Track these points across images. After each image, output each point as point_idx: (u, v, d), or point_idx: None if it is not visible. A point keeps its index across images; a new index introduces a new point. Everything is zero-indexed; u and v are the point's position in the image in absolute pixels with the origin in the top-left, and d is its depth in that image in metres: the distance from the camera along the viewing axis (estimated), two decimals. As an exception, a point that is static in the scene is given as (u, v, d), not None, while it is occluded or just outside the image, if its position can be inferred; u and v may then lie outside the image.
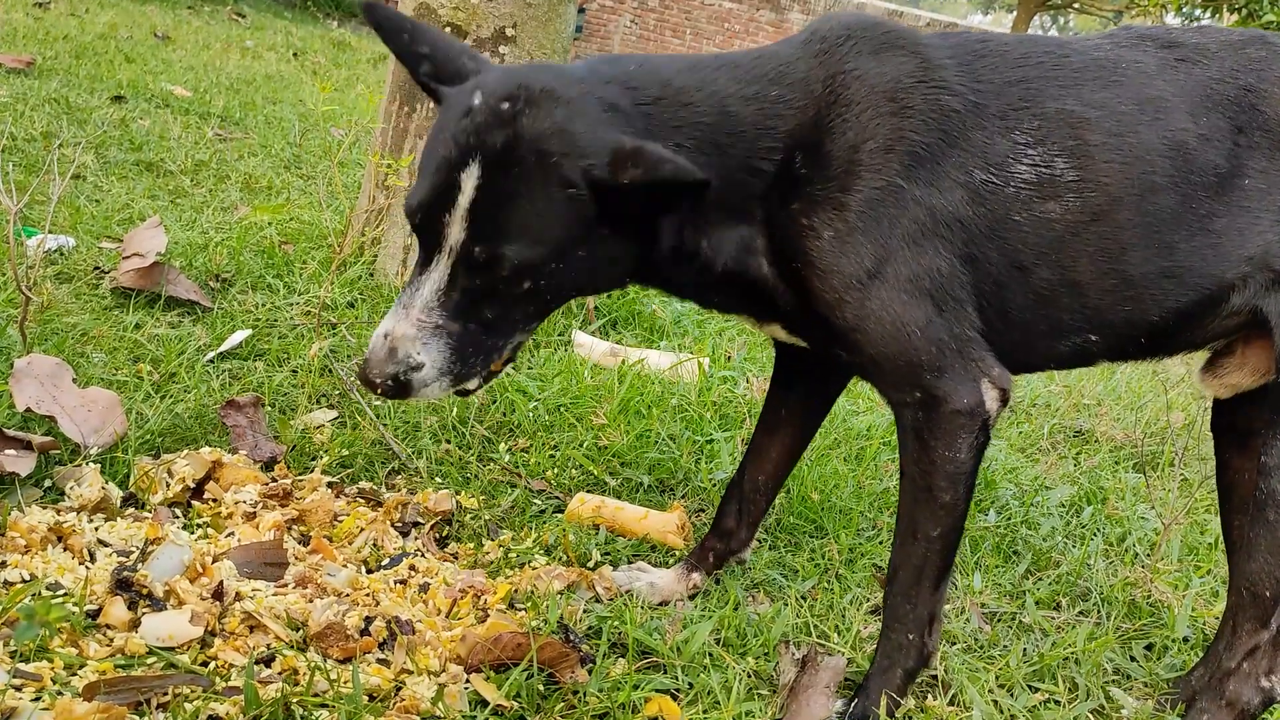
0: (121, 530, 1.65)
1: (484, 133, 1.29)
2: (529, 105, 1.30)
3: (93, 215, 3.13)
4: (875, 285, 1.41)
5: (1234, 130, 1.49)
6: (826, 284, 1.42)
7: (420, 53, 1.46)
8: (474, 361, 1.38)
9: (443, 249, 1.32)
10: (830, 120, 1.43)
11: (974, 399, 1.44)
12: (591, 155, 1.28)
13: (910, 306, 1.41)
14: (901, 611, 1.55)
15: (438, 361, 1.34)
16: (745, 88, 1.44)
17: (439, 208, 1.30)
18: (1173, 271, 1.50)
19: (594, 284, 1.48)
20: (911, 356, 1.43)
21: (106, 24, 7.16)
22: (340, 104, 6.23)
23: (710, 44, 17.96)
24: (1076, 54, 1.53)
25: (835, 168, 1.42)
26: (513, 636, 1.49)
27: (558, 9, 2.91)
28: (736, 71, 1.46)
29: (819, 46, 1.49)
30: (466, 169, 1.28)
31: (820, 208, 1.42)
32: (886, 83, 1.44)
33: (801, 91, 1.45)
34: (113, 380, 2.12)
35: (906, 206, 1.41)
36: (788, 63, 1.48)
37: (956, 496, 1.48)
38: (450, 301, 1.34)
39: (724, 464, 2.39)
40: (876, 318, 1.42)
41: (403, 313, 1.34)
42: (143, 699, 1.28)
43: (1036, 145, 1.45)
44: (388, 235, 3.04)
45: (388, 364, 1.33)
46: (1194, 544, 2.52)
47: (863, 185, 1.41)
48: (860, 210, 1.40)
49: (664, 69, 1.45)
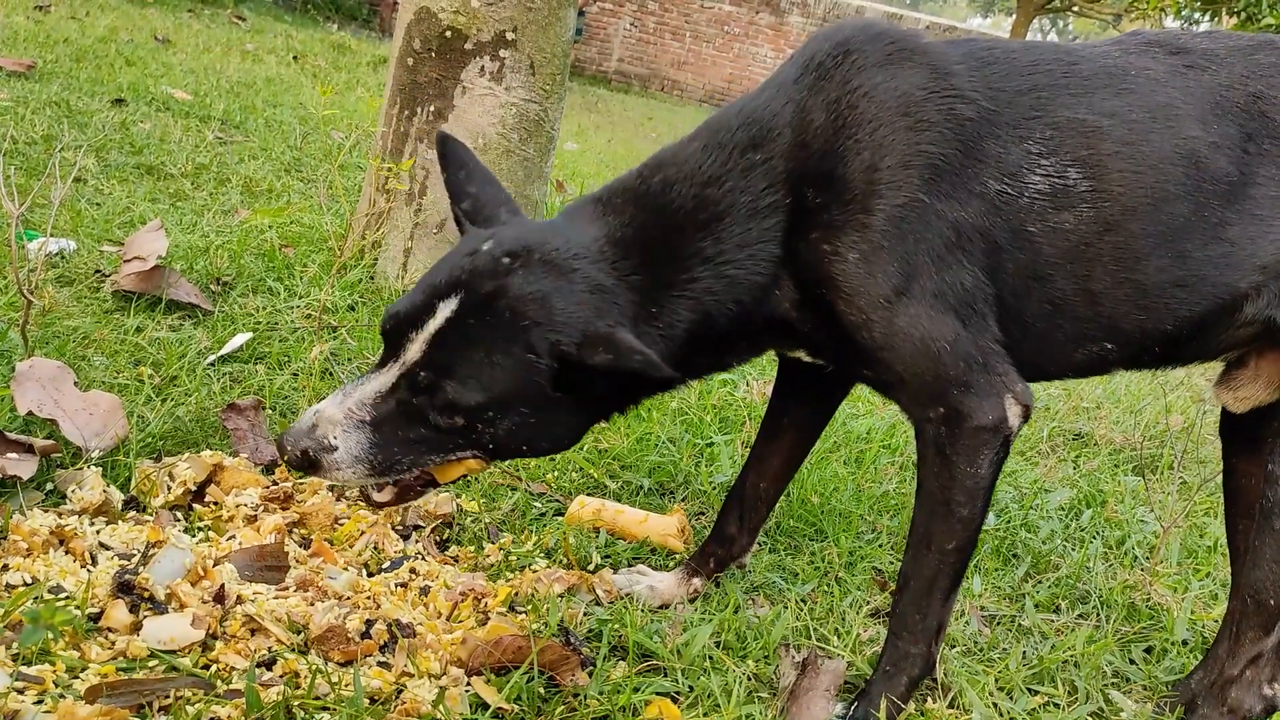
0: (123, 533, 1.65)
1: (476, 275, 1.37)
2: (524, 266, 1.38)
3: (94, 218, 3.14)
4: (903, 303, 1.40)
5: (1244, 138, 1.48)
6: (853, 305, 1.41)
7: (467, 190, 1.57)
8: (385, 466, 1.41)
9: (398, 360, 1.38)
10: (840, 145, 1.42)
11: (998, 415, 1.44)
12: (563, 331, 1.34)
13: (938, 322, 1.41)
14: (911, 621, 1.55)
15: (352, 450, 1.38)
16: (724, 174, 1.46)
17: (409, 323, 1.37)
18: (1186, 280, 1.49)
19: (536, 444, 1.48)
20: (940, 372, 1.42)
21: (107, 27, 7.16)
22: (341, 107, 6.23)
23: (710, 47, 17.97)
24: (1085, 61, 1.51)
25: (853, 190, 1.41)
26: (513, 639, 1.50)
27: (558, 13, 2.92)
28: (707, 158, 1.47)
29: (815, 74, 1.47)
30: (446, 300, 1.36)
31: (842, 231, 1.41)
32: (897, 97, 1.43)
33: (796, 130, 1.45)
34: (114, 383, 2.13)
35: (930, 221, 1.40)
36: (776, 112, 1.47)
37: (974, 511, 1.47)
38: (383, 407, 1.39)
39: (724, 467, 2.39)
40: (905, 335, 1.41)
41: (339, 399, 1.40)
42: (144, 702, 1.28)
43: (1049, 155, 1.44)
44: (388, 239, 3.04)
45: (304, 438, 1.38)
46: (1193, 547, 2.52)
47: (884, 203, 1.40)
48: (884, 229, 1.39)
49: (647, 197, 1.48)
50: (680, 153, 1.51)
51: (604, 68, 18.26)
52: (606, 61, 18.30)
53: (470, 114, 2.91)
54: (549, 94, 2.98)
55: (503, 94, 2.90)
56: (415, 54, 2.92)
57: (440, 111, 2.92)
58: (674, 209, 1.46)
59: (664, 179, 1.48)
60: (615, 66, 18.31)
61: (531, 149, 2.99)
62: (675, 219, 1.45)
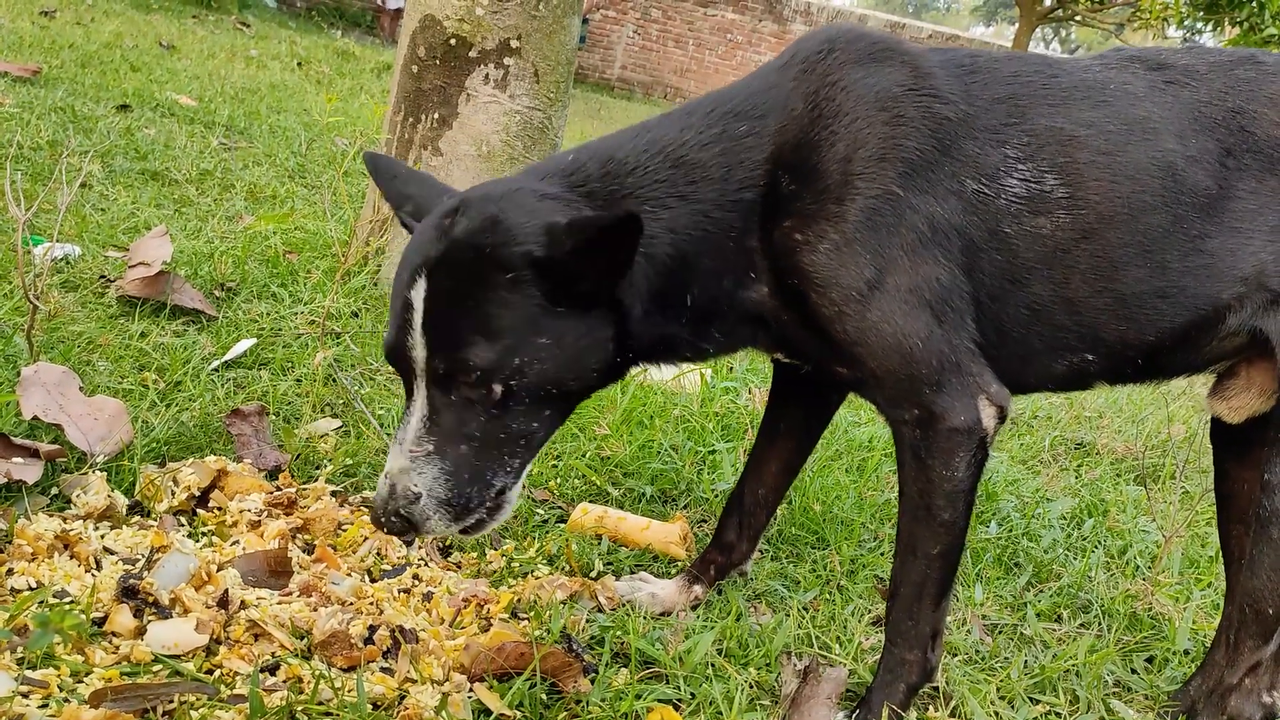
0: (127, 538, 1.65)
1: (427, 247, 1.34)
2: (464, 212, 1.34)
3: (99, 224, 3.15)
4: (876, 296, 1.40)
5: (1223, 152, 1.50)
6: (825, 297, 1.42)
7: (406, 194, 1.54)
8: (471, 489, 1.37)
9: (416, 374, 1.34)
10: (816, 135, 1.44)
11: (971, 417, 1.44)
12: (526, 239, 1.30)
13: (911, 318, 1.41)
14: (904, 628, 1.55)
15: (434, 489, 1.34)
16: (703, 134, 1.47)
17: (402, 334, 1.33)
18: (1166, 291, 1.50)
19: (576, 375, 1.40)
20: (912, 370, 1.42)
21: (112, 33, 7.19)
22: (344, 114, 6.25)
23: (713, 54, 18.01)
24: (1065, 74, 1.54)
25: (827, 180, 1.42)
26: (516, 646, 1.50)
27: (562, 21, 2.93)
28: (690, 119, 1.49)
29: (799, 67, 1.50)
30: (415, 286, 1.32)
31: (814, 221, 1.42)
32: (875, 92, 1.45)
33: (778, 115, 1.47)
34: (119, 389, 2.13)
35: (904, 215, 1.41)
36: (759, 92, 1.50)
37: (955, 514, 1.48)
38: (436, 427, 1.34)
39: (726, 475, 2.40)
40: (877, 330, 1.41)
41: (397, 449, 1.35)
42: (148, 706, 1.28)
43: (1027, 160, 1.46)
44: (391, 245, 3.05)
45: (389, 502, 1.34)
46: (1195, 557, 2.52)
47: (858, 195, 1.41)
48: (857, 220, 1.40)
49: (605, 147, 1.49)
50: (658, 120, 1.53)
51: (607, 75, 18.31)
52: (610, 69, 18.35)
53: (474, 121, 2.92)
54: (553, 101, 3.00)
55: (507, 101, 2.91)
56: (420, 61, 2.93)
57: (445, 119, 2.93)
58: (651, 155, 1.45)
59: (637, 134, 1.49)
60: (618, 74, 18.36)
61: (535, 156, 3.00)
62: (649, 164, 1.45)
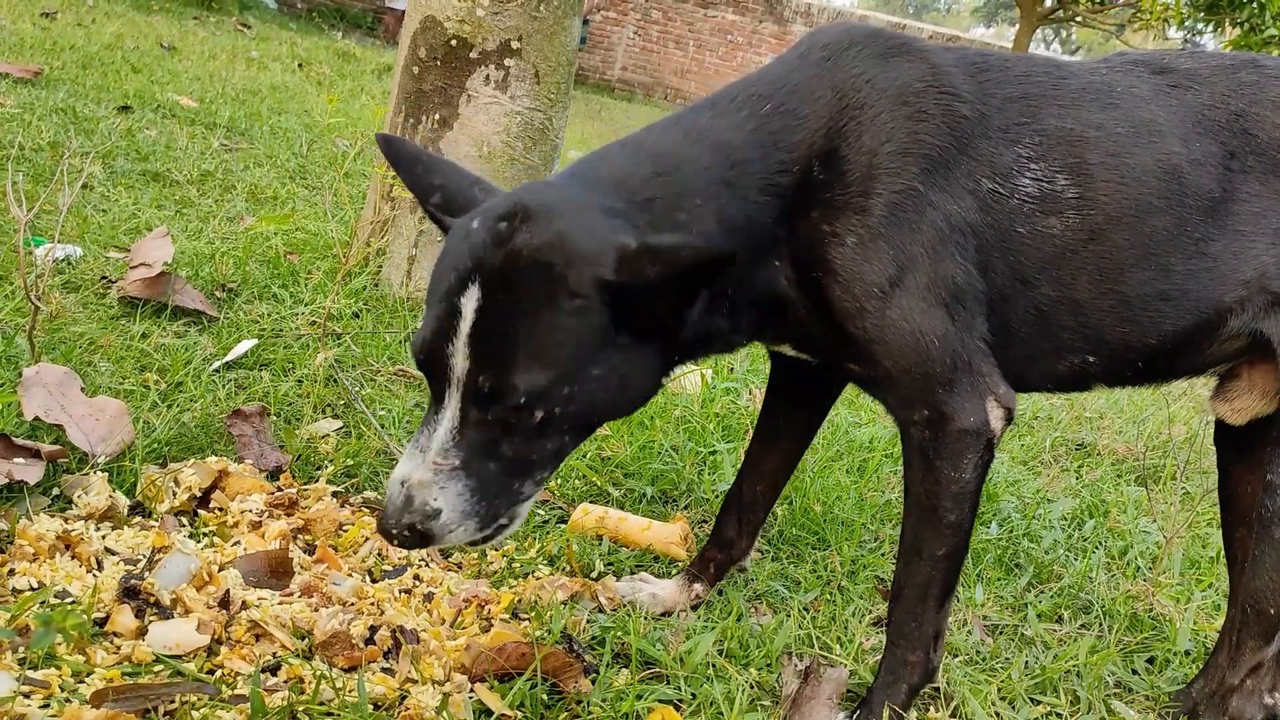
0: (129, 539, 1.66)
1: (481, 253, 1.23)
2: (525, 220, 1.24)
3: (100, 225, 3.15)
4: (896, 294, 1.40)
5: (1226, 155, 1.51)
6: (848, 292, 1.41)
7: (432, 184, 1.42)
8: (497, 505, 1.29)
9: (451, 383, 1.24)
10: (844, 125, 1.43)
11: (980, 418, 1.44)
12: (596, 261, 1.22)
13: (928, 316, 1.41)
14: (907, 629, 1.55)
15: (457, 506, 1.25)
16: (734, 119, 1.44)
17: (442, 339, 1.23)
18: (1169, 294, 1.51)
19: (625, 405, 1.36)
20: (927, 369, 1.42)
21: (113, 34, 7.19)
22: (345, 115, 6.25)
23: (713, 55, 18.02)
24: (1073, 76, 1.55)
25: (854, 173, 1.42)
26: (517, 646, 1.50)
27: (563, 22, 2.94)
28: (718, 107, 1.47)
29: (820, 55, 1.49)
30: (465, 293, 1.22)
31: (841, 213, 1.41)
32: (898, 86, 1.45)
33: (807, 103, 1.45)
34: (120, 389, 2.14)
35: (925, 211, 1.41)
36: (782, 77, 1.48)
37: (961, 516, 1.48)
38: (466, 441, 1.25)
39: (726, 475, 2.40)
40: (896, 328, 1.40)
41: (419, 456, 1.26)
42: (150, 707, 1.28)
43: (1039, 160, 1.47)
44: (392, 246, 3.06)
45: (404, 513, 1.24)
46: (1196, 557, 2.52)
47: (883, 189, 1.40)
48: (882, 215, 1.40)
49: (649, 144, 1.44)
50: (687, 112, 1.49)
51: (607, 76, 18.32)
52: (610, 70, 18.36)
53: (475, 122, 2.92)
54: (553, 102, 3.00)
55: (507, 102, 2.92)
56: (421, 62, 2.93)
57: (445, 120, 2.94)
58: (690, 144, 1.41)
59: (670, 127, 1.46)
60: (619, 75, 18.37)
61: (536, 157, 3.00)
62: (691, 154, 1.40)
